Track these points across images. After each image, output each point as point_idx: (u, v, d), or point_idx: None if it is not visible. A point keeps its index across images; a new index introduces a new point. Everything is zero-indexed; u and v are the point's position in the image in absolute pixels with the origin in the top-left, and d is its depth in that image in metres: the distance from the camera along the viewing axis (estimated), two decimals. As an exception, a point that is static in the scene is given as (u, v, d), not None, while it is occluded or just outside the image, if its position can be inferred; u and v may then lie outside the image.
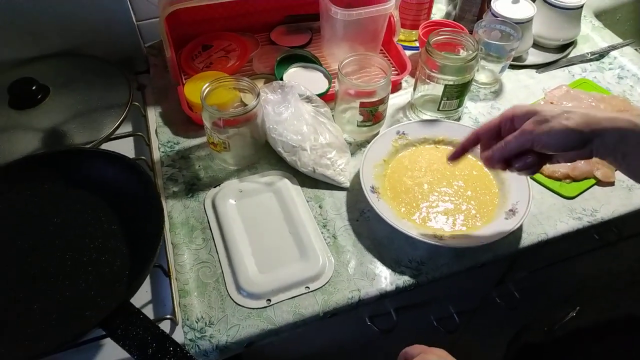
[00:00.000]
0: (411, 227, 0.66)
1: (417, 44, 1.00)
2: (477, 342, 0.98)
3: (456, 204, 0.70)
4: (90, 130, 0.76)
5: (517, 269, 0.80)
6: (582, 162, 0.75)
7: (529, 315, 0.80)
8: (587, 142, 0.50)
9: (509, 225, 0.65)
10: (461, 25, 0.92)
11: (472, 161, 0.76)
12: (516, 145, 0.53)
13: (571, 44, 0.99)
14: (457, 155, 0.61)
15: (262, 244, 0.67)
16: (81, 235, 0.63)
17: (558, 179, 0.75)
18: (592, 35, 1.02)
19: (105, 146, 0.75)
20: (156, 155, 0.78)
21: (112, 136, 0.76)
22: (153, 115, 0.84)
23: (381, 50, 0.94)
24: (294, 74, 0.86)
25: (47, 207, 0.66)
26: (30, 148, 0.74)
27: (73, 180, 0.68)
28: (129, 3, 0.87)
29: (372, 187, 0.71)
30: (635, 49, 1.00)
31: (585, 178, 0.75)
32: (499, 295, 0.83)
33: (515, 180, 0.71)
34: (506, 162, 0.55)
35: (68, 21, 0.85)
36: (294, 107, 0.75)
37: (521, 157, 0.54)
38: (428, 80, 0.79)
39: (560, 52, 0.98)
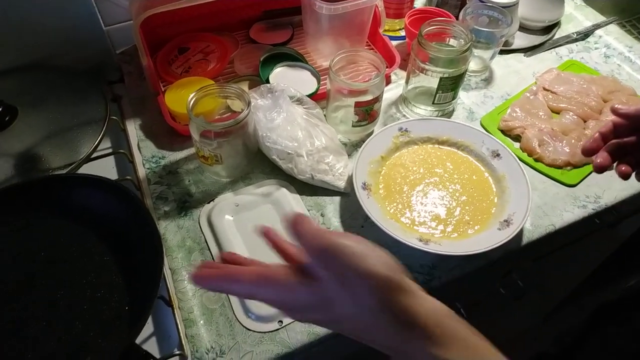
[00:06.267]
0: (397, 229, 0.64)
1: (401, 33, 0.96)
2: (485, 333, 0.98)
3: (450, 208, 0.68)
4: (67, 151, 0.70)
5: (523, 259, 0.79)
6: (582, 148, 0.74)
7: (534, 304, 0.79)
8: None
9: (501, 237, 0.62)
10: (448, 13, 0.90)
11: (474, 165, 0.73)
12: None
13: (556, 24, 0.98)
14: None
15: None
16: (71, 271, 0.58)
17: (559, 167, 0.74)
18: (576, 14, 1.01)
19: (86, 167, 0.70)
20: (141, 172, 0.72)
21: (92, 156, 0.71)
22: (133, 129, 0.78)
23: (367, 42, 0.91)
24: (280, 75, 0.82)
25: (29, 243, 0.61)
26: (1, 176, 0.68)
27: (55, 210, 0.62)
28: (95, 7, 0.81)
29: (364, 184, 0.68)
30: (622, 24, 0.99)
31: (586, 164, 0.74)
32: (503, 286, 0.82)
33: (516, 191, 0.67)
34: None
35: (30, 31, 0.78)
36: (286, 112, 0.71)
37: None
38: (419, 72, 0.76)
39: (546, 34, 0.96)
